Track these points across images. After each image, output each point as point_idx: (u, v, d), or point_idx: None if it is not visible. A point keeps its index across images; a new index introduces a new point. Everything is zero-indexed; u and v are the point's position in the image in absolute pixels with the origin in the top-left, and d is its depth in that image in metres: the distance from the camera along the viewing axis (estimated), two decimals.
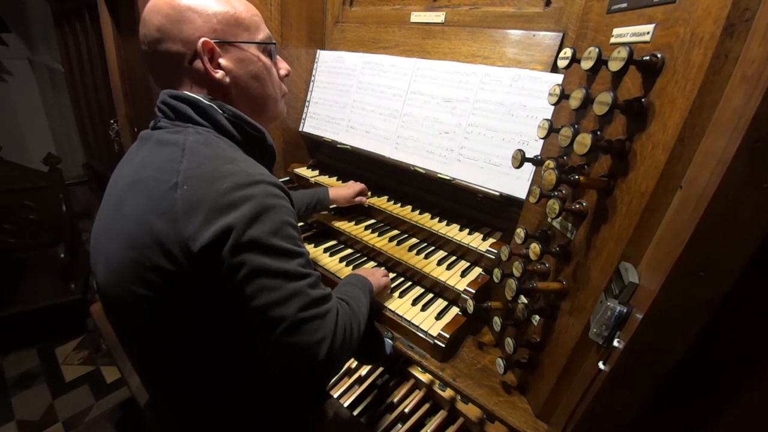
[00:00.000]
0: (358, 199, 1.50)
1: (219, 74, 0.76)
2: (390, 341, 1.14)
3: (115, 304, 0.75)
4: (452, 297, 1.25)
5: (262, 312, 0.66)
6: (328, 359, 0.71)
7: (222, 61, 0.76)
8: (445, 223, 1.39)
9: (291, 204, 0.74)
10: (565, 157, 0.89)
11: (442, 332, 1.08)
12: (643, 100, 0.66)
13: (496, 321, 0.99)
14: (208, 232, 0.62)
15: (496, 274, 0.99)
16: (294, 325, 0.67)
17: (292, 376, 0.93)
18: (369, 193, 1.56)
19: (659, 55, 0.63)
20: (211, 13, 0.74)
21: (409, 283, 1.32)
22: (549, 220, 0.92)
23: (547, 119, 0.88)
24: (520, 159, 0.91)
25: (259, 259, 0.64)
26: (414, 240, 1.44)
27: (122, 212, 0.70)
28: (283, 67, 0.91)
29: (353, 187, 1.51)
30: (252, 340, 0.78)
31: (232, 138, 0.77)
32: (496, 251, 1.21)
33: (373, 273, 1.17)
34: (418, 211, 1.47)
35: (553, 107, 1.00)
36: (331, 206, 1.49)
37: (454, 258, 1.33)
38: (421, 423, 1.08)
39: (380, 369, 1.23)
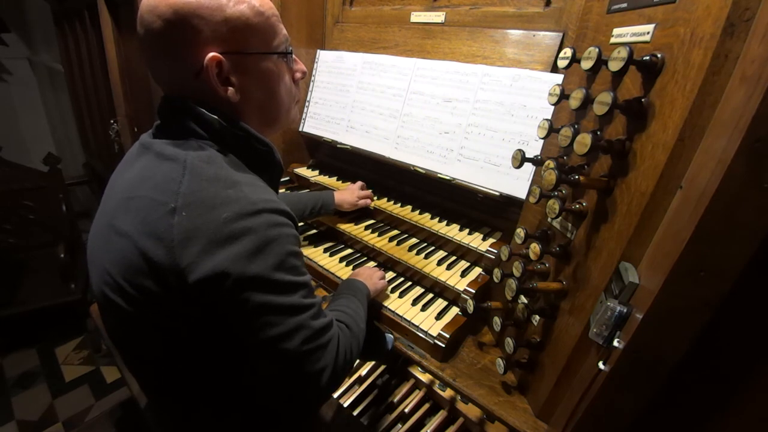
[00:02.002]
0: (362, 201, 1.50)
1: (229, 92, 0.69)
2: (390, 336, 1.14)
3: (109, 315, 0.74)
4: (452, 297, 1.25)
5: (265, 346, 0.65)
6: (330, 383, 0.72)
7: (232, 76, 0.68)
8: (445, 223, 1.39)
9: (295, 226, 0.70)
10: (565, 157, 0.89)
11: (442, 332, 1.08)
12: (643, 100, 0.66)
13: (496, 321, 0.99)
14: (206, 266, 0.58)
15: (496, 274, 0.98)
16: (297, 358, 0.67)
17: (292, 396, 0.92)
18: (375, 198, 1.56)
19: (659, 55, 0.63)
20: (221, 19, 0.64)
21: (409, 283, 1.32)
22: (549, 220, 0.92)
23: (547, 119, 0.88)
24: (520, 159, 0.91)
25: (262, 297, 0.62)
26: (414, 240, 1.44)
27: (117, 228, 0.65)
28: (299, 69, 0.83)
29: (357, 192, 1.50)
30: (251, 364, 0.75)
31: (237, 153, 0.72)
32: (496, 251, 1.21)
33: (371, 276, 1.16)
34: (418, 211, 1.47)
35: (553, 107, 1.00)
36: (336, 211, 1.48)
37: (454, 258, 1.33)
38: (421, 423, 1.08)
39: (380, 369, 1.22)
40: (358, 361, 1.25)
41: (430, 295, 1.27)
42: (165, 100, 0.71)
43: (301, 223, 1.66)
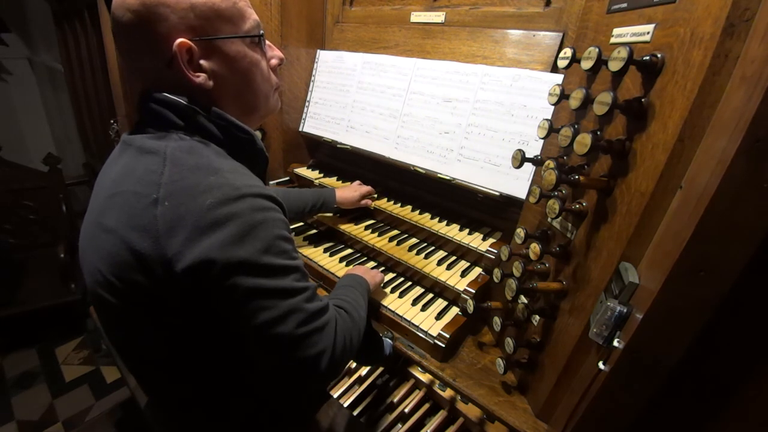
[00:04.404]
0: (364, 202, 1.50)
1: (200, 78, 0.69)
2: (390, 341, 1.14)
3: (104, 314, 0.74)
4: (452, 297, 1.25)
5: (259, 331, 0.64)
6: (330, 369, 0.71)
7: (203, 62, 0.68)
8: (445, 223, 1.39)
9: (283, 212, 0.70)
10: (565, 157, 0.89)
11: (442, 332, 1.08)
12: (643, 100, 0.66)
13: (496, 321, 0.99)
14: (192, 254, 0.58)
15: (496, 274, 0.98)
16: (293, 342, 0.66)
17: (291, 385, 0.92)
18: (375, 196, 1.56)
19: (659, 55, 0.63)
20: (187, 6, 0.65)
21: (409, 283, 1.32)
22: (549, 220, 0.92)
23: (547, 119, 0.88)
24: (520, 159, 0.91)
25: (252, 281, 0.61)
26: (414, 240, 1.44)
27: (103, 226, 0.66)
28: (275, 55, 0.82)
29: (359, 190, 1.50)
30: (247, 354, 0.75)
31: (218, 142, 0.71)
32: (496, 251, 1.20)
33: (367, 270, 1.17)
34: (418, 211, 1.47)
35: (553, 107, 1.00)
36: (336, 209, 1.48)
37: (454, 258, 1.33)
38: (421, 423, 1.08)
39: (380, 369, 1.23)
40: (356, 364, 1.25)
41: (430, 295, 1.27)
42: (142, 95, 0.71)
43: (300, 224, 1.67)
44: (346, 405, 1.12)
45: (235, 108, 0.76)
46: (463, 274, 1.25)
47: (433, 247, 1.39)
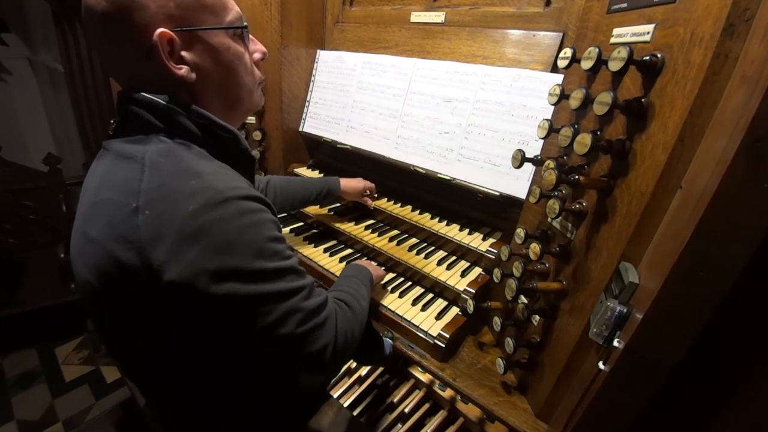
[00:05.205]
0: (365, 199, 1.50)
1: (182, 71, 0.65)
2: (390, 341, 1.14)
3: (99, 322, 0.74)
4: (452, 297, 1.25)
5: (259, 335, 0.64)
6: (333, 361, 0.72)
7: (185, 54, 0.65)
8: (445, 223, 1.39)
9: (271, 211, 0.68)
10: (565, 157, 0.89)
11: (442, 332, 1.08)
12: (643, 100, 0.66)
13: (496, 321, 0.99)
14: (180, 265, 0.56)
15: (496, 274, 0.98)
16: (295, 341, 0.66)
17: (292, 379, 0.92)
18: (376, 195, 1.56)
19: (659, 55, 0.63)
20: None
21: (409, 283, 1.32)
22: (549, 220, 0.92)
23: (547, 119, 0.88)
24: (520, 159, 0.91)
25: (246, 288, 0.60)
26: (414, 240, 1.44)
27: (88, 236, 0.63)
28: (258, 49, 0.80)
29: (363, 181, 1.50)
30: (247, 353, 0.76)
31: (199, 143, 0.68)
32: (496, 251, 1.21)
33: (369, 263, 1.18)
34: (418, 211, 1.47)
35: (553, 107, 1.00)
36: (340, 197, 1.48)
37: (454, 258, 1.33)
38: (421, 423, 1.08)
39: (380, 369, 1.23)
40: (356, 364, 1.25)
41: (430, 295, 1.27)
42: (120, 94, 0.68)
43: (300, 223, 1.67)
44: (346, 405, 1.12)
45: (218, 102, 0.73)
46: (463, 274, 1.25)
47: (433, 247, 1.39)
